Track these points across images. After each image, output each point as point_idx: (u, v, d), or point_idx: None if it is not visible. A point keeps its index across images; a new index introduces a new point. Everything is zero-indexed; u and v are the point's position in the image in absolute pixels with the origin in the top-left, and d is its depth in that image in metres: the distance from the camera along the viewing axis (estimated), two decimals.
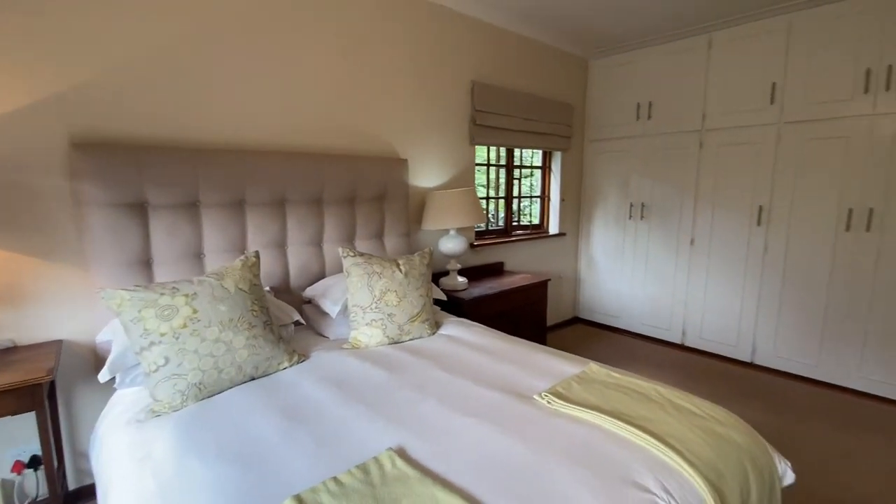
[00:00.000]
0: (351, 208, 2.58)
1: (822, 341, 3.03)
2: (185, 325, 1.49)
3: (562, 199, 4.15)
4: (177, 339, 1.48)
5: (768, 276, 3.23)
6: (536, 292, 3.23)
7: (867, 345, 2.86)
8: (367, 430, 1.31)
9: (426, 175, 3.06)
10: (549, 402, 1.44)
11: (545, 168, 4.15)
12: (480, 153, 3.53)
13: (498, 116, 3.35)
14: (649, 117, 3.76)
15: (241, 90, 2.19)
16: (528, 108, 3.57)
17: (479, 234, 3.60)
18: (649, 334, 3.95)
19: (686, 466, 1.13)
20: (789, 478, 1.29)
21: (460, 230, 3.13)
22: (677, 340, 3.77)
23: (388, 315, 2.08)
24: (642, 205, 3.88)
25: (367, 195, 2.63)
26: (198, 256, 2.04)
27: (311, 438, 1.27)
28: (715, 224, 3.47)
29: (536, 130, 3.65)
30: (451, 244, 2.90)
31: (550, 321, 4.10)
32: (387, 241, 2.78)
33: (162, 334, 1.46)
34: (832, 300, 2.97)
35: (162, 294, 1.51)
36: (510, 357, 1.86)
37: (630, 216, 3.98)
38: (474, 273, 3.34)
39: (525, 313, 3.16)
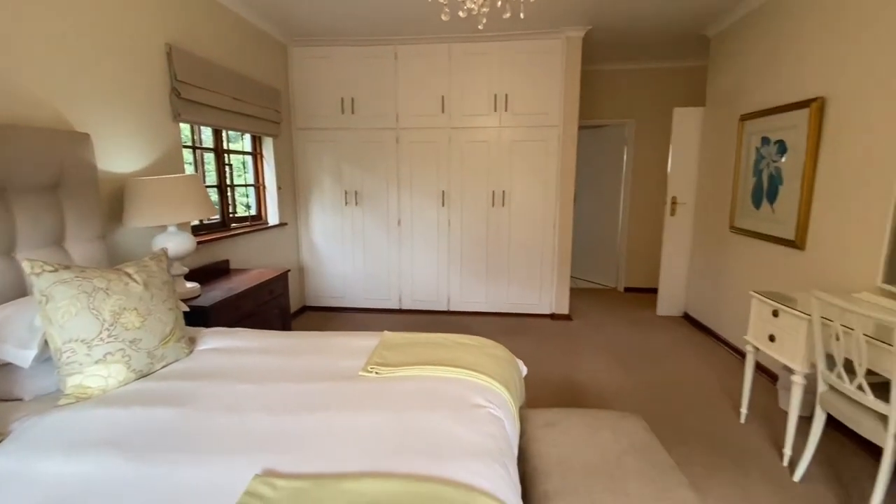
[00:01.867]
0: (3, 203, 1.73)
1: (486, 285, 4.30)
2: None
3: (278, 187, 4.01)
4: None
5: (452, 244, 4.26)
6: (279, 285, 3.09)
7: (510, 282, 4.27)
8: (205, 476, 1.06)
9: (121, 157, 2.36)
10: (377, 373, 1.55)
11: (257, 154, 3.89)
12: (187, 134, 2.97)
13: (205, 92, 2.90)
14: (353, 112, 4.13)
15: None
16: (236, 88, 3.25)
17: (195, 230, 3.07)
18: (373, 306, 4.46)
19: (492, 382, 1.52)
20: (525, 370, 1.93)
21: (181, 226, 2.59)
22: (396, 306, 4.43)
23: (131, 342, 1.59)
24: (355, 192, 4.27)
25: (31, 183, 1.82)
26: None
27: None
28: (414, 206, 4.24)
29: (246, 112, 3.37)
30: (174, 243, 2.39)
31: None
32: (72, 248, 2.02)
33: None
34: (490, 256, 4.25)
35: None
36: (305, 349, 1.81)
37: (346, 202, 4.30)
38: (199, 276, 2.86)
39: (271, 309, 2.98)
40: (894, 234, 2.04)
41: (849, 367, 1.72)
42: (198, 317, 2.33)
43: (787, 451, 2.08)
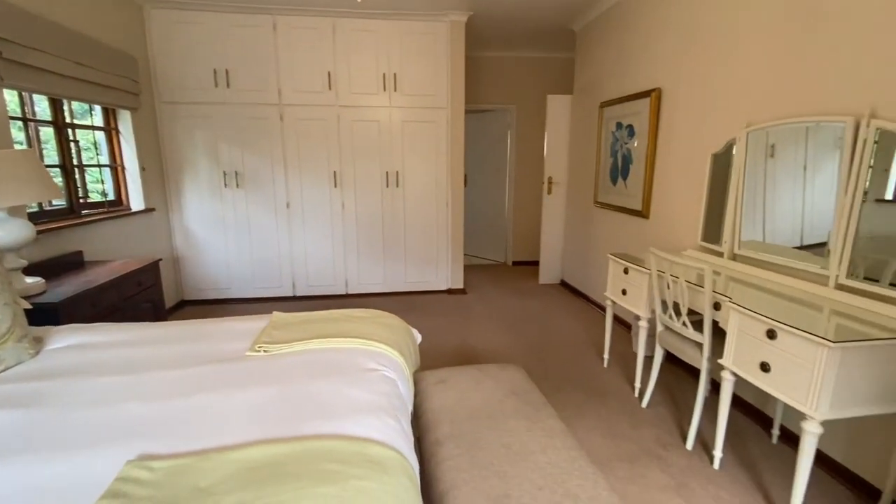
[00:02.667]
0: None
1: (384, 265, 4.34)
2: None
3: (142, 168, 3.56)
4: None
5: (348, 226, 4.21)
6: (148, 277, 2.78)
7: (408, 262, 4.36)
8: (65, 472, 0.97)
9: None
10: (266, 351, 1.52)
11: (111, 130, 3.40)
12: (16, 105, 2.49)
13: (38, 53, 2.45)
14: (228, 85, 3.81)
15: None
16: (79, 51, 2.79)
17: (35, 217, 2.61)
18: (264, 295, 4.23)
19: (385, 347, 1.59)
20: (419, 337, 2.03)
21: (13, 211, 2.18)
22: (289, 293, 4.26)
23: None
24: (236, 173, 3.97)
25: None
26: None
27: None
28: (304, 188, 4.08)
29: (93, 80, 2.92)
30: (6, 231, 2.03)
31: None
32: None
33: None
34: (386, 236, 4.28)
35: None
36: (183, 337, 1.70)
37: (225, 185, 3.98)
38: (44, 270, 2.45)
39: (139, 303, 2.68)
40: (709, 203, 2.53)
41: (677, 310, 2.12)
42: (46, 315, 2.01)
43: (637, 384, 2.51)
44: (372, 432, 1.11)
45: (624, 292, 2.57)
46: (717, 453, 1.92)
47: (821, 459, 1.92)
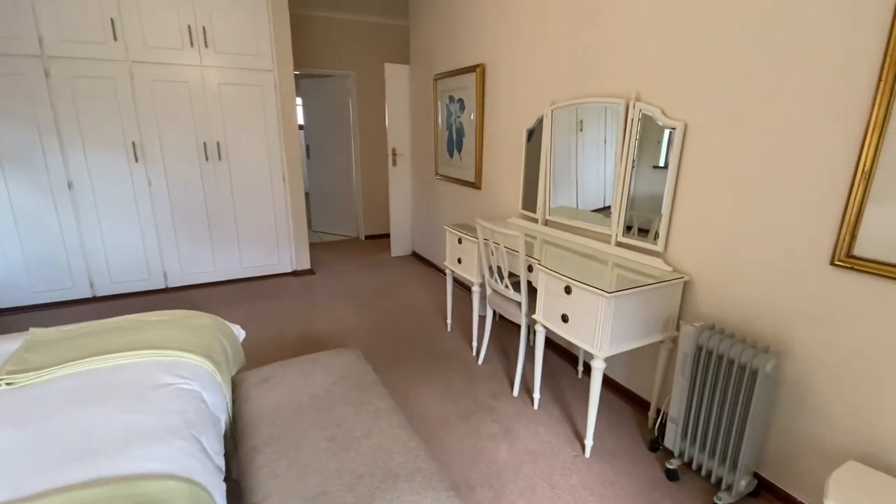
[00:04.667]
0: None
1: (213, 250, 3.84)
2: None
3: None
4: None
5: (159, 208, 3.57)
6: None
7: (242, 245, 3.93)
8: None
9: None
10: (10, 385, 1.18)
11: None
12: None
13: None
14: None
15: None
16: None
17: None
18: (51, 300, 3.39)
19: (186, 355, 1.38)
20: (242, 334, 1.83)
21: None
22: (87, 294, 3.49)
23: None
24: None
25: None
26: None
27: None
28: (91, 164, 3.30)
29: None
30: None
31: None
32: None
33: None
34: (212, 217, 3.77)
35: None
36: None
37: None
38: None
39: None
40: (526, 174, 2.77)
41: (501, 274, 2.30)
42: None
43: (475, 344, 2.71)
44: (151, 465, 0.95)
45: (459, 261, 2.71)
46: (536, 395, 2.19)
47: (610, 384, 2.34)
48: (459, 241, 2.67)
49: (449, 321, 3.03)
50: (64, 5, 3.02)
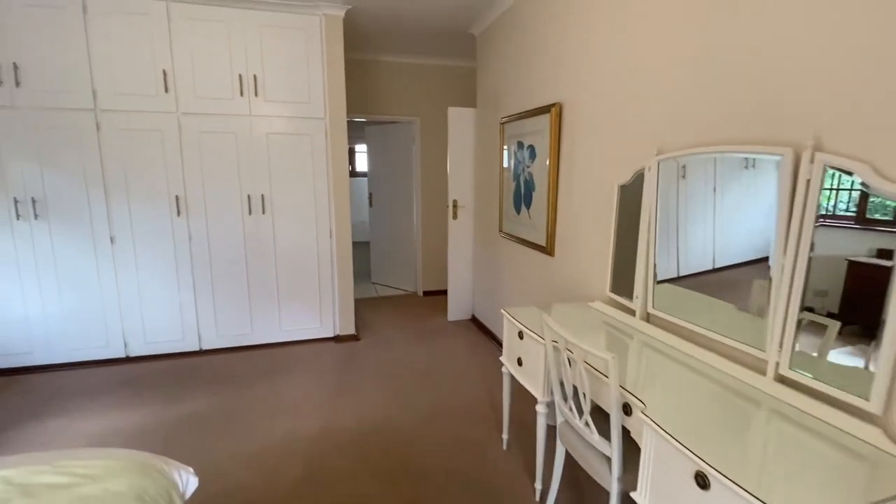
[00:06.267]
0: None
1: (251, 310, 3.49)
2: None
3: None
4: None
5: (198, 264, 3.32)
6: None
7: (282, 305, 3.55)
8: None
9: None
10: None
11: None
12: None
13: None
14: (18, 84, 2.82)
15: None
16: None
17: None
18: (84, 359, 3.20)
19: None
20: (193, 485, 1.28)
21: None
22: (120, 354, 3.27)
23: None
24: (33, 200, 2.95)
25: None
26: None
27: None
28: (134, 217, 3.15)
29: None
30: None
31: None
32: None
33: None
34: (252, 275, 3.45)
35: None
36: None
37: (18, 216, 2.95)
38: None
39: None
40: (617, 244, 2.03)
41: (578, 402, 1.55)
42: None
43: (538, 484, 1.92)
44: None
45: (520, 362, 1.99)
46: None
47: None
48: (520, 336, 1.96)
49: (505, 436, 2.26)
50: (120, 59, 2.96)
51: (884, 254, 1.08)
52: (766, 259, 1.35)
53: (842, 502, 0.87)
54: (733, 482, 0.91)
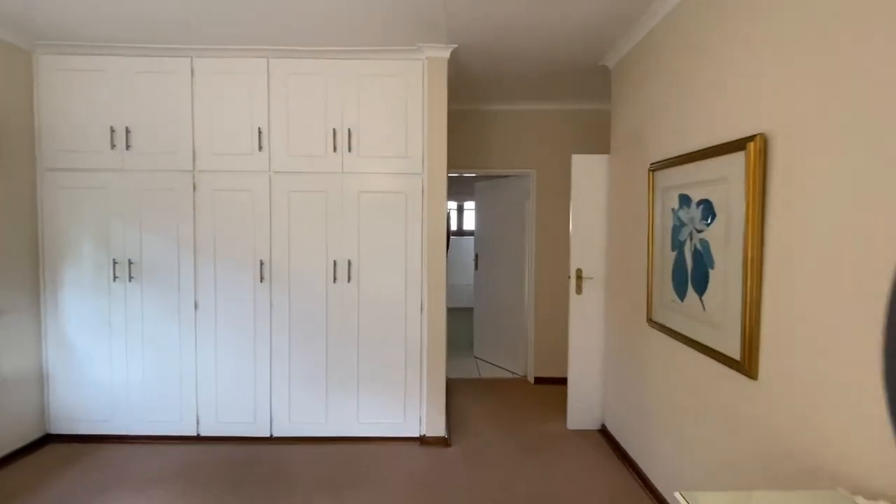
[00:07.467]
0: None
1: (328, 396, 2.96)
2: None
3: None
4: None
5: (277, 335, 2.94)
6: None
7: (362, 393, 2.96)
8: None
9: None
10: None
11: None
12: None
13: None
14: (128, 147, 2.85)
15: None
16: None
17: None
18: (154, 433, 2.95)
19: None
20: None
21: None
22: (192, 432, 2.95)
23: None
24: (129, 261, 2.89)
25: None
26: None
27: None
28: (219, 283, 2.91)
29: None
30: None
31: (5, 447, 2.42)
32: None
33: None
34: (331, 353, 2.95)
35: None
36: None
37: (115, 277, 2.90)
38: None
39: None
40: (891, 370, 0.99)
41: None
42: None
43: None
44: None
45: None
46: None
47: None
48: None
49: None
50: (220, 119, 2.85)
51: None
52: None
53: None
54: None
